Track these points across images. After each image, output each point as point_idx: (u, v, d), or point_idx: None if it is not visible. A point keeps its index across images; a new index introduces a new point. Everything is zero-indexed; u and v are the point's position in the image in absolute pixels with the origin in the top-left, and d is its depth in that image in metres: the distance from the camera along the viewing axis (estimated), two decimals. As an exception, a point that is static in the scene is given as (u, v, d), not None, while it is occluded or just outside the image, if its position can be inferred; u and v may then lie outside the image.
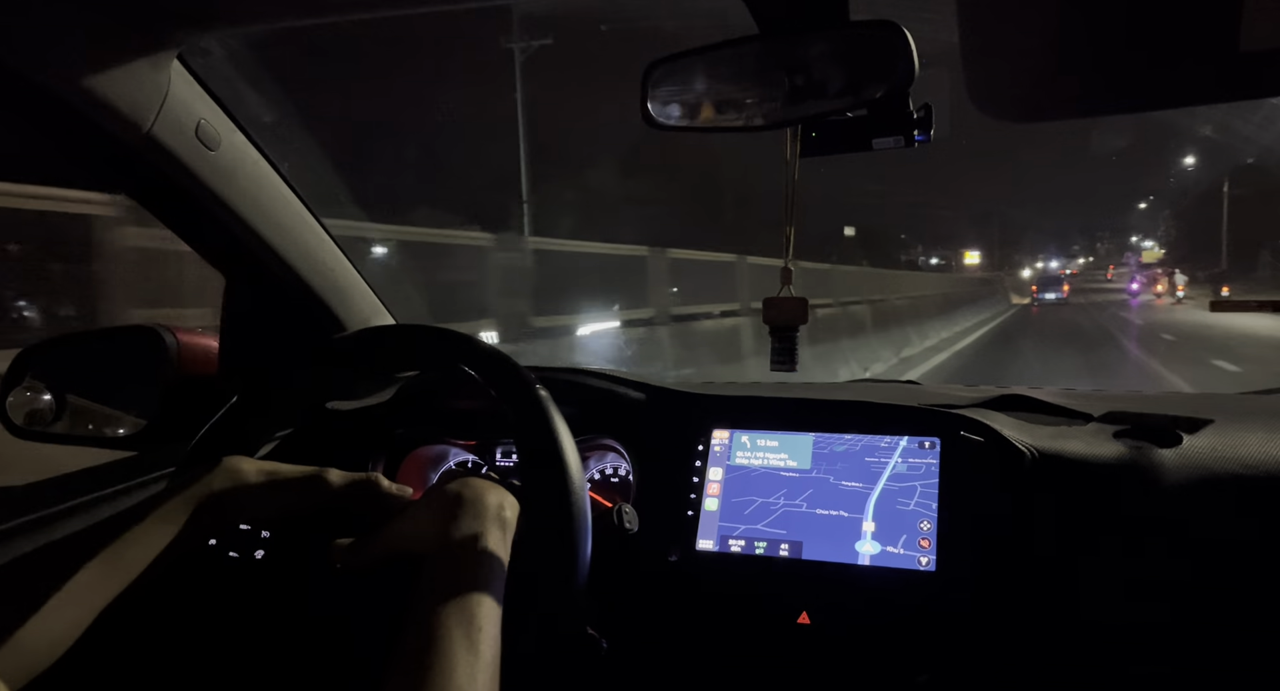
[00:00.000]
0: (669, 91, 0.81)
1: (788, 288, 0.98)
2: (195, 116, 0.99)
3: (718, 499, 1.10)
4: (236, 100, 1.05)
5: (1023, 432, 1.04)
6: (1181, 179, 65.31)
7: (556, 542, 0.78)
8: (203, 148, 1.00)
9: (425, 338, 0.93)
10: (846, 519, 1.04)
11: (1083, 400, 1.18)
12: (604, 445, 1.18)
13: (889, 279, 19.73)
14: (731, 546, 1.07)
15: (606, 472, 1.20)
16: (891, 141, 0.82)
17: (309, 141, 9.97)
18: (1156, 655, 0.89)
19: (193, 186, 1.02)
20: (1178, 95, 0.59)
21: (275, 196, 1.14)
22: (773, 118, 0.81)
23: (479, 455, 1.24)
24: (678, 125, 0.82)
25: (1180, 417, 1.04)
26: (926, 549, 0.99)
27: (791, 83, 0.79)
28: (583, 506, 0.80)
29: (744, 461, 1.11)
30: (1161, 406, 1.14)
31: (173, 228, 1.13)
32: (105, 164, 1.02)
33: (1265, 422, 1.01)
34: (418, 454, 1.24)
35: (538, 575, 0.77)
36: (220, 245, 1.16)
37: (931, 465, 1.03)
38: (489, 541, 0.75)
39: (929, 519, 1.01)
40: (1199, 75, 0.57)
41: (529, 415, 0.84)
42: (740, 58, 0.80)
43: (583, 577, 0.78)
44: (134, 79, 0.90)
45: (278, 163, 1.14)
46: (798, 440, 1.10)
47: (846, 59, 0.77)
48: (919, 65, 0.71)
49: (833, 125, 0.85)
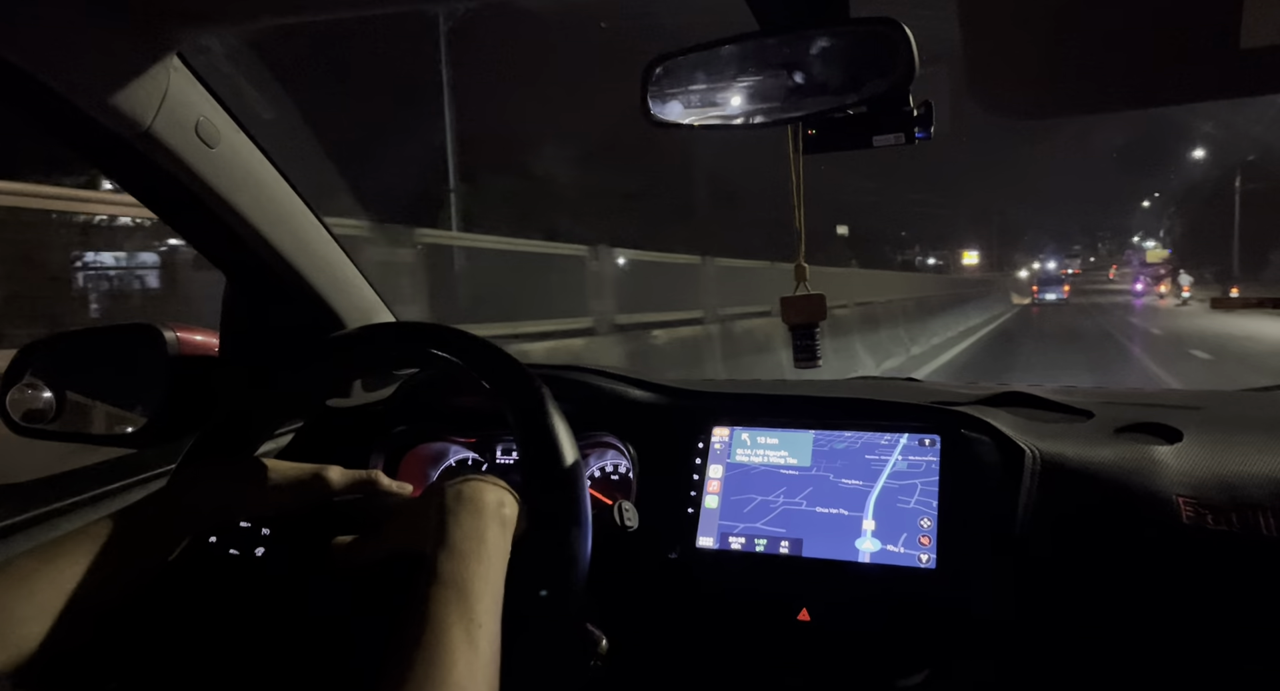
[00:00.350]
0: (669, 88, 0.81)
1: (803, 285, 0.98)
2: (195, 114, 0.99)
3: (718, 496, 1.10)
4: (237, 97, 1.05)
5: (1023, 430, 1.04)
6: (1187, 176, 64.50)
7: (556, 540, 0.78)
8: (202, 145, 1.00)
9: (425, 335, 0.93)
10: (847, 517, 1.04)
11: (1083, 398, 1.18)
12: (604, 442, 1.18)
13: (879, 280, 18.63)
14: (731, 543, 1.07)
15: (606, 470, 1.20)
16: (892, 139, 0.82)
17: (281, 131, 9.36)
18: (1155, 653, 0.89)
19: (192, 184, 1.02)
20: (1178, 92, 0.59)
21: (275, 194, 1.14)
22: (773, 115, 0.81)
23: (479, 452, 1.25)
24: (678, 122, 0.82)
25: (1181, 415, 1.04)
26: (926, 546, 0.99)
27: (792, 80, 0.79)
28: (583, 503, 0.80)
29: (744, 459, 1.12)
30: (1162, 403, 1.14)
31: (172, 225, 1.13)
32: (105, 161, 1.02)
33: (1266, 420, 1.01)
34: (418, 451, 1.24)
35: (537, 572, 0.77)
36: (220, 243, 1.16)
37: (932, 463, 1.03)
38: (489, 538, 0.75)
39: (929, 516, 1.01)
40: (1199, 73, 0.57)
41: (529, 412, 0.84)
42: (741, 55, 0.80)
43: (582, 575, 0.78)
44: (133, 77, 0.89)
45: (277, 160, 1.14)
46: (798, 437, 1.10)
47: (847, 56, 0.77)
48: (919, 62, 0.71)
49: (833, 122, 0.85)
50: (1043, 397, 1.17)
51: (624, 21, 22.09)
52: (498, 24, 20.06)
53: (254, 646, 0.86)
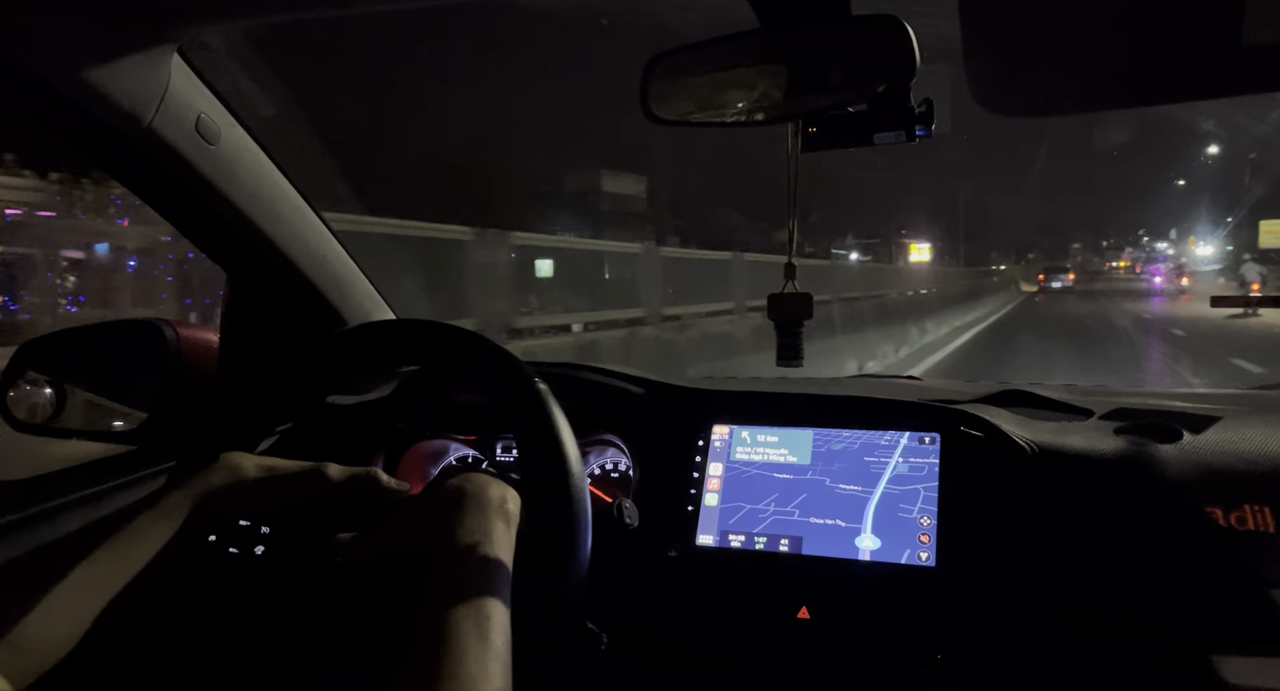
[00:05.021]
0: (669, 86, 0.81)
1: (791, 283, 0.98)
2: (195, 111, 0.99)
3: (718, 494, 1.10)
4: (237, 94, 1.05)
5: (1023, 428, 1.03)
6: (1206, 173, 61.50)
7: (556, 538, 0.78)
8: (203, 142, 1.00)
9: (426, 332, 0.93)
10: (847, 512, 1.04)
11: (1084, 396, 1.18)
12: (604, 440, 1.18)
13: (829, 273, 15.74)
14: (731, 541, 1.07)
15: (607, 468, 1.20)
16: (892, 136, 0.82)
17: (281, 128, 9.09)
18: (1155, 651, 0.89)
19: (193, 181, 1.02)
20: (1180, 90, 0.59)
21: (275, 191, 1.14)
22: (773, 112, 0.81)
23: (479, 450, 1.25)
24: (678, 120, 0.82)
25: (1181, 413, 1.04)
26: (926, 544, 0.99)
27: (792, 77, 0.79)
28: (583, 502, 0.80)
29: (744, 457, 1.11)
30: (1162, 402, 1.14)
31: (173, 222, 1.13)
32: (105, 158, 1.02)
33: (1267, 418, 1.01)
34: (418, 448, 1.24)
35: (538, 570, 0.77)
36: (220, 240, 1.16)
37: (932, 465, 1.03)
38: (494, 534, 0.75)
39: (929, 515, 1.01)
40: (1201, 70, 0.57)
41: (529, 410, 0.84)
42: (741, 52, 0.80)
43: (583, 573, 0.78)
44: (134, 73, 0.89)
45: (277, 156, 1.14)
46: (798, 435, 1.10)
47: (847, 53, 0.77)
48: (920, 60, 0.71)
49: (833, 120, 0.85)
50: (1043, 396, 1.16)
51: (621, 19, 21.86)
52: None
53: (254, 644, 0.86)
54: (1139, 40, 0.56)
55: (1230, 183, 52.01)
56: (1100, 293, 35.52)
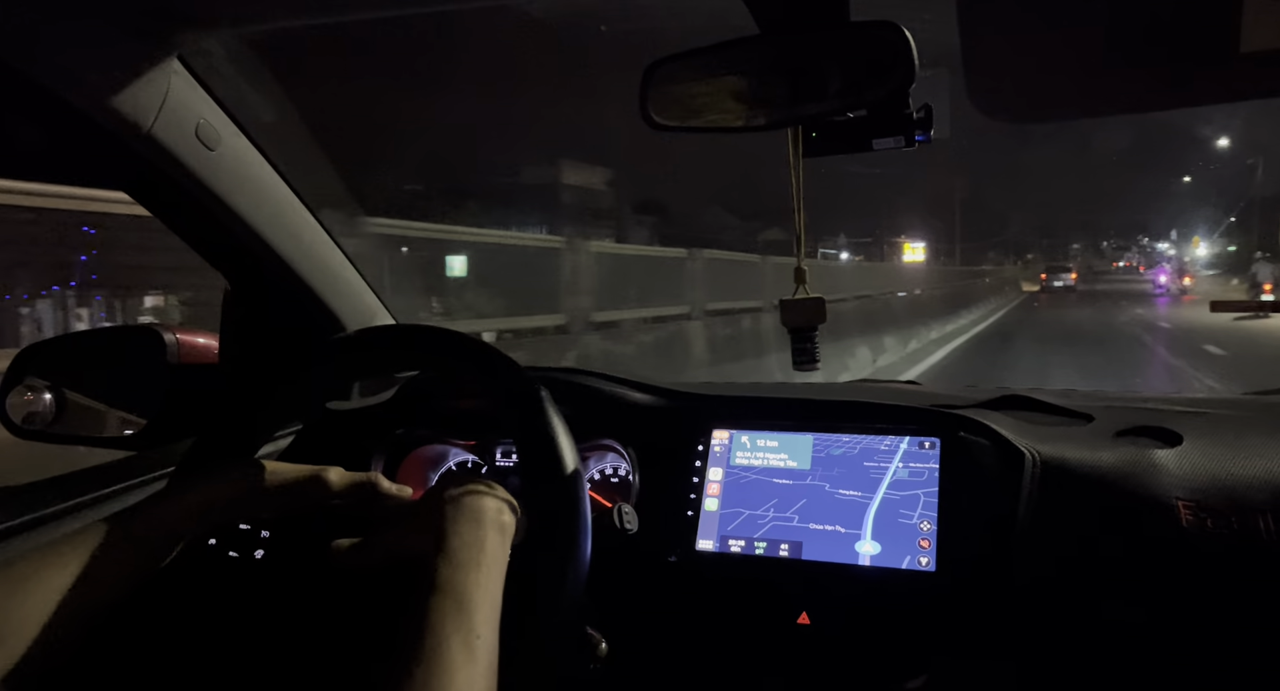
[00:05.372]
0: (669, 92, 0.81)
1: (803, 287, 0.98)
2: (195, 116, 0.99)
3: (718, 499, 1.10)
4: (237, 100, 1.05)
5: (1023, 433, 1.03)
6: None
7: (556, 543, 0.78)
8: (203, 148, 1.00)
9: (425, 337, 0.93)
10: (847, 517, 1.04)
11: (1083, 401, 1.18)
12: (604, 445, 1.18)
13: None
14: (731, 546, 1.07)
15: (606, 473, 1.20)
16: (892, 142, 0.82)
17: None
18: (1156, 655, 0.89)
19: (193, 186, 1.02)
20: (1178, 96, 0.59)
21: (275, 196, 1.14)
22: (773, 118, 0.81)
23: (479, 455, 1.25)
24: (678, 126, 0.82)
25: (1181, 418, 1.04)
26: (926, 549, 0.99)
27: (792, 83, 0.79)
28: (582, 506, 0.80)
29: (744, 461, 1.11)
30: (1162, 407, 1.14)
31: (173, 228, 1.13)
32: (105, 164, 1.02)
33: (1265, 423, 1.01)
34: (418, 454, 1.24)
35: (537, 576, 0.77)
36: (220, 245, 1.16)
37: (932, 471, 1.03)
38: (488, 547, 0.75)
39: (929, 520, 1.01)
40: (1199, 76, 0.57)
41: (528, 415, 0.84)
42: (741, 58, 0.80)
43: (582, 578, 0.78)
44: (134, 79, 0.90)
45: (278, 162, 1.14)
46: (798, 440, 1.10)
47: (847, 59, 0.77)
48: (919, 66, 0.71)
49: (833, 125, 0.85)
50: (1042, 401, 1.16)
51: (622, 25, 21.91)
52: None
53: (252, 648, 0.86)
54: (1136, 47, 0.56)
55: (1231, 184, 51.48)
56: (1102, 293, 34.81)
